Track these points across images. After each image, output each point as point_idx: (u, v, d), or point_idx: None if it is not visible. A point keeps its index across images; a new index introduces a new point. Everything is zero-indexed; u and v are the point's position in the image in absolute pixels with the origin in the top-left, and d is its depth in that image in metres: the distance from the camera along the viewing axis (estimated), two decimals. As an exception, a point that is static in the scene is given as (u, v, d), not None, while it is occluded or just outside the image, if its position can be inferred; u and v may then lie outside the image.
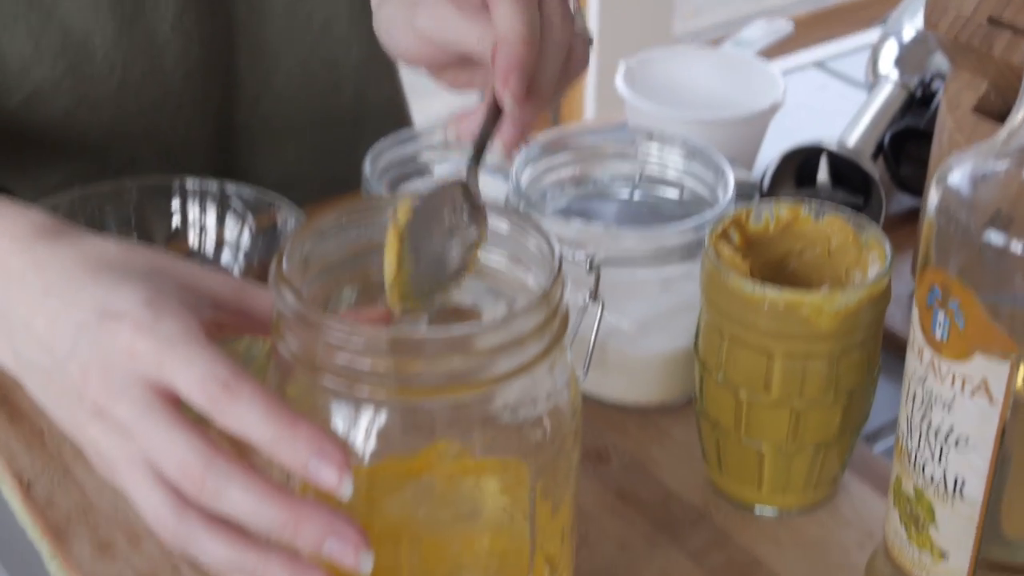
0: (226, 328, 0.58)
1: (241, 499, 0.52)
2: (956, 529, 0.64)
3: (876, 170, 0.96)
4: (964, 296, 0.58)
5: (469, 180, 0.61)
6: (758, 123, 1.03)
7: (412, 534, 0.56)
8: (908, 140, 1.03)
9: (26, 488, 0.75)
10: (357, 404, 0.53)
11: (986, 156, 0.59)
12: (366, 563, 0.52)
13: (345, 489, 0.51)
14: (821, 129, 1.01)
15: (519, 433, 0.56)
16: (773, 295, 0.68)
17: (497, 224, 0.59)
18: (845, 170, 0.97)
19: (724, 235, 0.73)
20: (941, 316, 0.60)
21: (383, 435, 0.54)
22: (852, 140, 1.00)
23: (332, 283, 0.59)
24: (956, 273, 0.58)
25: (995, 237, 0.57)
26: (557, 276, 0.54)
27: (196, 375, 0.53)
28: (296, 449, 0.52)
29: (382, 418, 0.54)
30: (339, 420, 0.54)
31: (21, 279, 0.58)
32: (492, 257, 0.59)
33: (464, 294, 0.60)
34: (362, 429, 0.54)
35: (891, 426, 0.84)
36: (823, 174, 0.96)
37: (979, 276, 0.58)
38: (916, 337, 0.62)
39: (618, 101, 1.04)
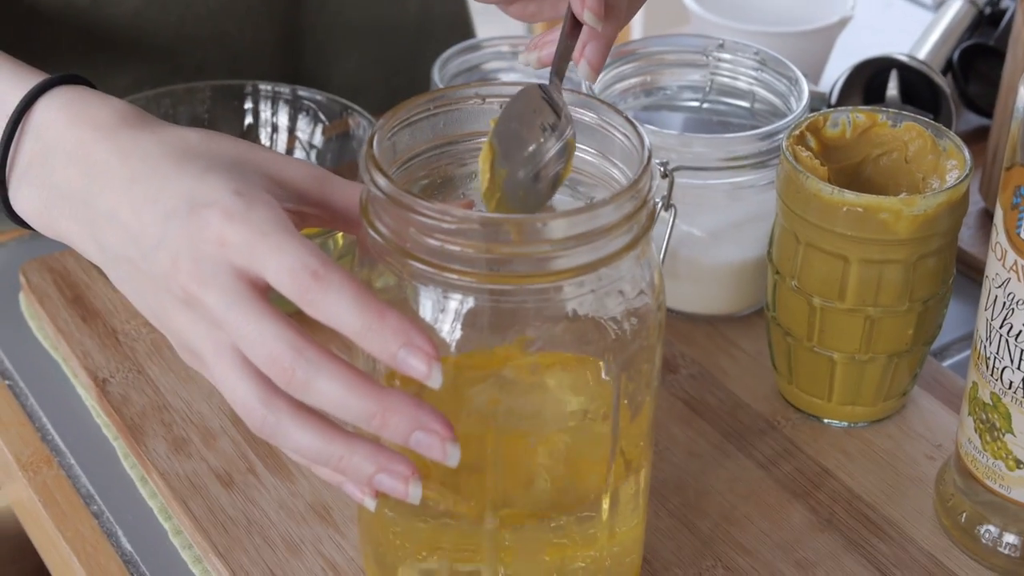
0: (309, 219, 0.58)
1: (329, 389, 0.52)
2: (1033, 436, 0.63)
3: (947, 84, 0.95)
4: (1052, 197, 0.58)
5: (552, 90, 0.60)
6: (826, 37, 1.02)
7: (494, 427, 0.56)
8: (977, 57, 1.02)
9: (102, 386, 0.76)
10: (446, 291, 0.53)
11: (1078, 55, 0.58)
12: (453, 455, 0.52)
13: (434, 379, 0.51)
14: (887, 47, 0.99)
15: (604, 327, 0.55)
16: (851, 198, 0.68)
17: (583, 117, 0.58)
18: (914, 85, 0.96)
19: (800, 140, 0.72)
20: (1027, 218, 0.59)
21: (469, 324, 0.54)
22: (921, 55, 0.99)
23: (417, 172, 0.59)
24: (1045, 173, 0.58)
25: (1087, 137, 0.56)
26: (646, 166, 0.54)
27: (287, 264, 0.53)
28: (385, 339, 0.52)
29: (469, 306, 0.54)
30: (426, 308, 0.54)
31: (105, 168, 0.58)
32: (580, 150, 0.59)
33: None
34: (449, 317, 0.54)
35: (961, 343, 0.84)
36: (892, 88, 0.95)
37: (1068, 177, 0.57)
38: (999, 240, 0.62)
39: (671, 17, 1.03)
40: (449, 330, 0.54)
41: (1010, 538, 0.67)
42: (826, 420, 0.75)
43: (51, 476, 0.73)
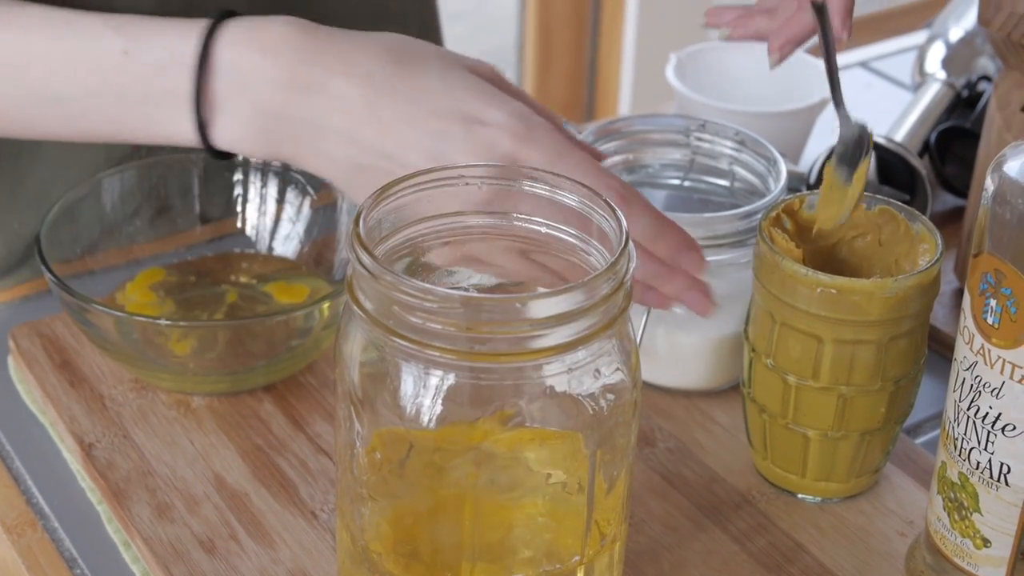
0: None
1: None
2: (1000, 517, 0.65)
3: (923, 166, 0.97)
4: (1017, 283, 0.60)
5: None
6: (806, 118, 1.04)
7: (472, 499, 0.58)
8: (954, 139, 1.04)
9: (87, 451, 0.77)
10: (427, 367, 0.55)
11: (1043, 148, 0.60)
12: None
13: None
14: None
15: (580, 404, 0.57)
16: (825, 280, 0.69)
17: (566, 199, 0.60)
18: (891, 166, 0.98)
19: (777, 221, 0.74)
20: (993, 303, 0.61)
21: (450, 399, 0.56)
22: (899, 137, 1.01)
23: (401, 249, 0.60)
24: (1010, 260, 0.60)
25: (1050, 227, 0.58)
26: (623, 249, 0.56)
27: (591, 184, 0.60)
28: (668, 243, 0.66)
29: (450, 382, 0.55)
30: (408, 383, 0.56)
31: (322, 89, 0.63)
32: (559, 230, 0.61)
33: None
34: (430, 392, 0.55)
35: (933, 420, 0.85)
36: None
37: (1033, 265, 0.59)
38: (967, 324, 0.63)
39: (656, 94, 1.06)
40: (430, 405, 0.56)
41: (978, 616, 0.68)
42: (800, 495, 0.77)
43: (35, 539, 0.74)
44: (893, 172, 0.98)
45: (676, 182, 0.88)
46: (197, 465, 0.77)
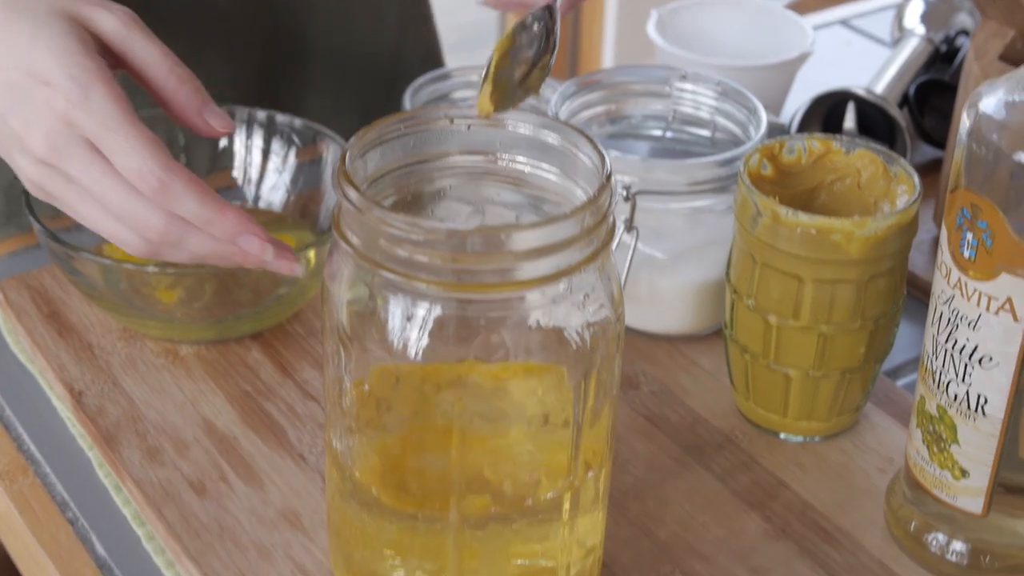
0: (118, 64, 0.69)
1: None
2: (977, 447, 0.66)
3: (902, 117, 0.98)
4: (993, 216, 0.61)
5: (554, 13, 0.66)
6: (787, 72, 1.05)
7: (458, 429, 0.58)
8: (932, 92, 1.05)
9: (77, 397, 0.78)
10: (414, 299, 0.56)
11: (1018, 83, 0.61)
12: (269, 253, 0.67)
13: (269, 254, 0.67)
14: (846, 82, 1.03)
15: (565, 338, 0.58)
16: (805, 220, 0.71)
17: (548, 138, 0.61)
18: (871, 118, 0.99)
19: (757, 165, 0.75)
20: (970, 236, 0.62)
21: (436, 332, 0.56)
22: (878, 90, 1.02)
23: (386, 190, 0.61)
24: (986, 194, 0.61)
25: (1024, 158, 0.59)
26: (606, 183, 0.57)
27: (133, 165, 0.64)
28: (226, 229, 0.66)
29: (436, 314, 0.56)
30: (395, 316, 0.57)
31: None
32: (544, 170, 0.62)
33: (517, 205, 0.63)
34: (417, 325, 0.56)
35: (913, 364, 0.87)
36: (850, 120, 0.98)
37: (1008, 197, 0.60)
38: (943, 259, 0.65)
39: (638, 51, 1.07)
40: (416, 338, 0.57)
41: (957, 546, 0.69)
42: (782, 435, 0.78)
43: (27, 484, 0.75)
44: (872, 123, 0.99)
45: (658, 133, 0.89)
46: (186, 411, 0.78)
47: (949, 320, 0.65)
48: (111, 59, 0.69)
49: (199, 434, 0.76)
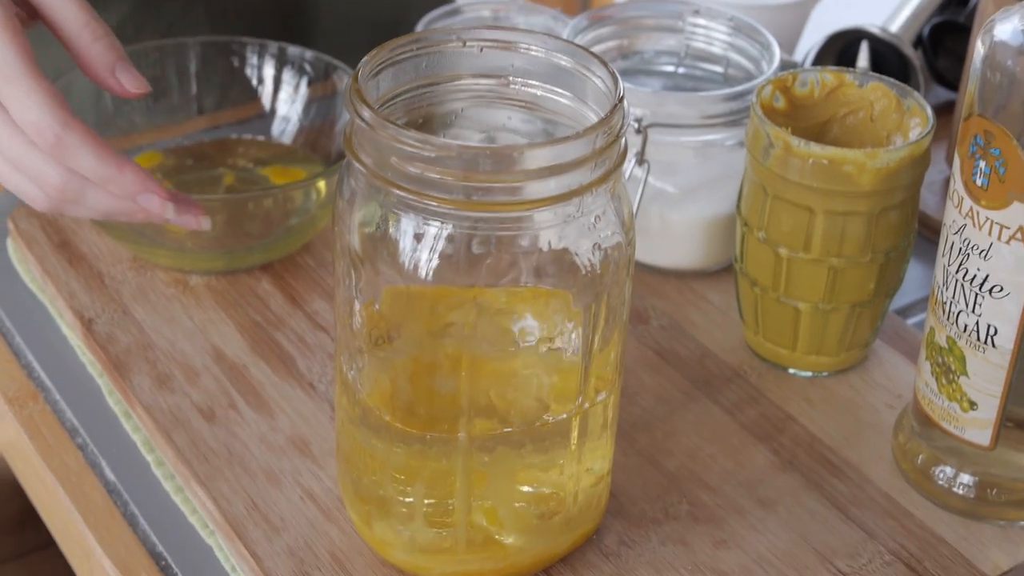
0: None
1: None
2: (986, 379, 0.66)
3: (916, 56, 0.97)
4: (1007, 143, 0.60)
5: None
6: (800, 11, 1.04)
7: (468, 354, 0.59)
8: (946, 34, 1.05)
9: (87, 325, 0.78)
10: (425, 218, 0.56)
11: (1033, 9, 0.61)
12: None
13: (169, 212, 0.67)
14: (858, 23, 1.02)
15: (576, 261, 0.58)
16: (817, 151, 0.70)
17: (561, 61, 0.61)
18: (885, 57, 0.99)
19: (770, 96, 0.75)
20: (983, 164, 0.62)
21: (446, 253, 0.56)
22: (892, 30, 1.01)
23: (398, 111, 0.61)
24: (1000, 121, 0.60)
25: (1039, 85, 0.59)
26: (618, 104, 0.56)
27: (31, 119, 0.63)
28: (124, 185, 0.65)
29: (447, 232, 0.56)
30: (407, 235, 0.57)
31: None
32: (557, 93, 0.62)
33: (528, 133, 0.63)
34: (428, 244, 0.56)
35: (923, 303, 0.87)
36: (863, 59, 0.98)
37: (1022, 124, 0.60)
38: (956, 188, 0.64)
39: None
40: (428, 257, 0.57)
41: (964, 479, 0.69)
42: (791, 370, 0.78)
43: (37, 410, 0.75)
44: (886, 63, 0.99)
45: (670, 68, 0.89)
46: (196, 339, 0.78)
47: (960, 250, 0.65)
48: (26, 9, 0.67)
49: (208, 362, 0.76)
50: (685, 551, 0.67)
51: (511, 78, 0.62)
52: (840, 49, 1.00)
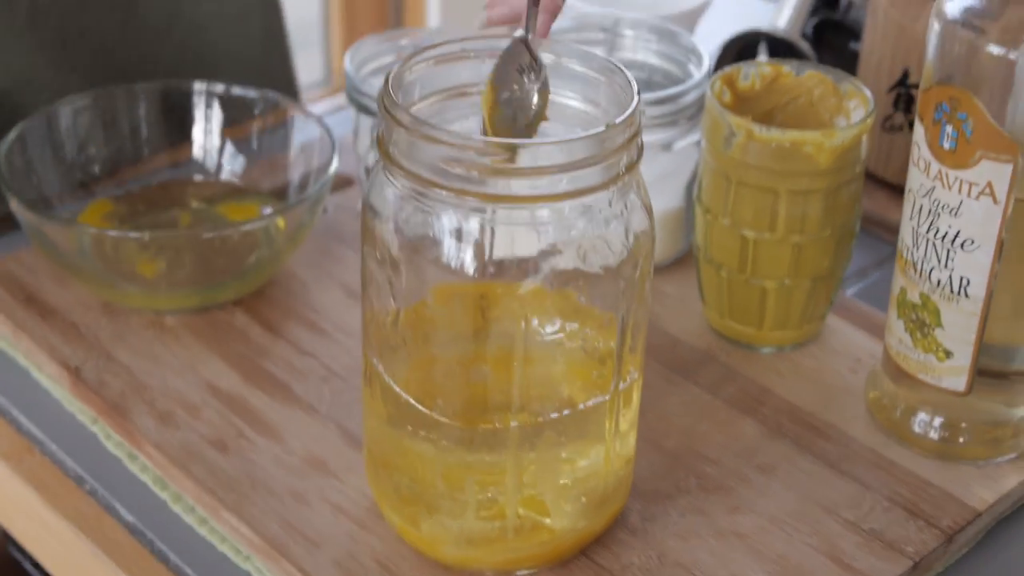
0: None
1: None
2: (961, 328, 0.72)
3: (811, 52, 1.04)
4: (971, 106, 0.66)
5: (529, 41, 0.65)
6: (688, 21, 1.10)
7: (518, 347, 0.61)
8: (826, 31, 1.12)
9: (75, 374, 0.78)
10: (464, 215, 0.58)
11: (980, -16, 0.67)
12: None
13: None
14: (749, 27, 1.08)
15: (610, 249, 0.61)
16: (777, 135, 0.75)
17: (573, 67, 0.64)
18: (782, 55, 1.05)
19: (719, 91, 0.80)
20: (949, 128, 0.67)
21: (488, 246, 0.59)
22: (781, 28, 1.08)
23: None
24: (964, 86, 0.66)
25: (997, 49, 0.65)
26: (637, 103, 0.60)
27: None
28: None
29: (488, 227, 0.59)
30: (444, 234, 0.59)
31: None
32: (567, 96, 0.65)
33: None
34: (469, 241, 0.59)
35: (857, 275, 0.92)
36: (763, 57, 1.04)
37: (985, 87, 0.66)
38: (922, 154, 0.70)
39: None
40: (470, 254, 0.59)
41: (939, 423, 0.75)
42: (759, 347, 0.83)
43: (35, 463, 0.75)
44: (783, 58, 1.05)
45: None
46: (187, 376, 0.78)
47: (930, 211, 0.70)
48: None
49: (206, 396, 0.77)
50: (704, 520, 0.71)
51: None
52: (737, 51, 1.06)
